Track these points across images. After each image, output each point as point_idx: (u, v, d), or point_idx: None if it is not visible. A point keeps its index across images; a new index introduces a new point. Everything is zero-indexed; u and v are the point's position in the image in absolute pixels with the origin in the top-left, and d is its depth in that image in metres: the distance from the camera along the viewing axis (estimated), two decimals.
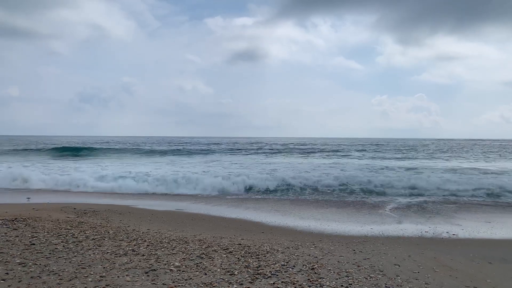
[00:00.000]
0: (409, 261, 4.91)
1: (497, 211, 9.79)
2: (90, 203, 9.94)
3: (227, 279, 3.91)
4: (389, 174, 15.90)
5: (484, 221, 8.34)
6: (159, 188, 13.34)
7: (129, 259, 4.49)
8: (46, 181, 14.19)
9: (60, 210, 7.94)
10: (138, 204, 10.10)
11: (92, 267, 4.15)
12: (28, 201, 10.09)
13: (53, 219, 6.79)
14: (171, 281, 3.80)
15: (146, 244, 5.25)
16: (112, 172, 16.04)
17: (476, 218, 8.72)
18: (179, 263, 4.41)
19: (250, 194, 12.80)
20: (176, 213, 8.95)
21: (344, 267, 4.48)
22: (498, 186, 12.72)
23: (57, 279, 3.75)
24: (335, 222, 8.16)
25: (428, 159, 28.46)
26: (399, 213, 9.27)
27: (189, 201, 11.05)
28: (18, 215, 6.97)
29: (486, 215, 9.10)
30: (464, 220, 8.48)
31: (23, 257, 4.42)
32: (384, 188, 12.94)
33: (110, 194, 12.61)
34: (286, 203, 10.90)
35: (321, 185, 13.58)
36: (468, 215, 9.08)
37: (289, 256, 4.89)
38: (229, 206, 10.28)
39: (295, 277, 4.02)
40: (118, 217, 7.66)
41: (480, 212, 9.55)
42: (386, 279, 4.11)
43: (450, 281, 4.16)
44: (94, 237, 5.54)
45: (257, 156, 32.16)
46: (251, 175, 14.72)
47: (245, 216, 8.66)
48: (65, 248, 4.87)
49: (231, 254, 4.87)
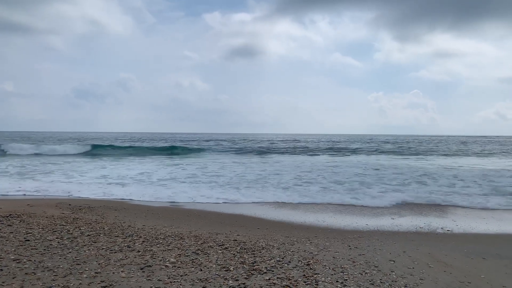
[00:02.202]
0: (404, 256, 4.93)
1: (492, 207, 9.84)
2: (85, 198, 9.89)
3: (222, 275, 3.91)
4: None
5: (478, 217, 8.39)
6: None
7: (124, 255, 4.48)
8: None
9: (55, 206, 7.90)
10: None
11: (87, 263, 4.14)
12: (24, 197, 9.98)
13: (48, 215, 6.76)
14: (166, 277, 3.80)
15: (141, 240, 5.24)
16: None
17: (471, 214, 8.76)
18: (174, 259, 4.41)
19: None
20: (172, 209, 8.93)
21: (339, 262, 4.50)
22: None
23: (52, 275, 3.73)
24: (331, 217, 8.17)
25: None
26: (394, 209, 9.30)
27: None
28: (12, 211, 6.93)
29: (481, 211, 9.16)
30: (459, 215, 8.52)
31: (18, 253, 4.39)
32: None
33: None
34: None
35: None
36: (462, 211, 9.12)
37: (285, 252, 4.90)
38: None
39: (291, 273, 4.03)
40: (113, 213, 7.63)
41: (475, 208, 9.60)
42: (381, 274, 4.12)
43: (445, 276, 4.19)
44: (89, 233, 5.52)
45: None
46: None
47: (241, 212, 8.65)
48: (60, 244, 4.85)
49: (226, 250, 4.87)
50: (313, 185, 12.74)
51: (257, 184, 13.02)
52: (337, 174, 16.26)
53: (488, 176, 15.64)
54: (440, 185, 12.92)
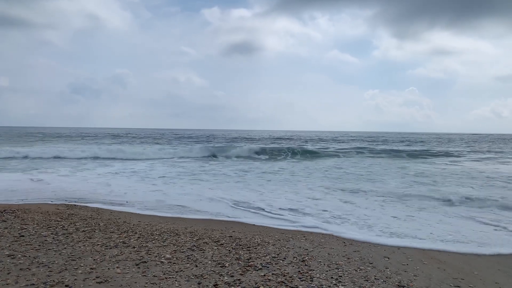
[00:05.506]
0: (398, 253, 4.97)
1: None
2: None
3: (218, 271, 3.92)
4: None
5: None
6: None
7: (119, 251, 4.47)
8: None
9: (50, 202, 7.87)
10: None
11: (82, 259, 4.13)
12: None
13: (43, 211, 6.73)
14: (161, 273, 3.80)
15: (137, 236, 5.24)
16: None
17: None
18: (170, 255, 4.41)
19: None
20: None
21: (334, 259, 4.53)
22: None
23: (47, 271, 3.72)
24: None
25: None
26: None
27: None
28: (7, 206, 6.90)
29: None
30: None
31: (12, 249, 4.38)
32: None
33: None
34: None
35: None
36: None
37: (280, 248, 4.92)
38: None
39: (286, 269, 4.04)
40: (108, 209, 7.61)
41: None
42: (376, 271, 4.15)
43: (438, 273, 4.22)
44: (84, 229, 5.51)
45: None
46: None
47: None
48: (55, 240, 4.83)
49: (222, 246, 4.88)
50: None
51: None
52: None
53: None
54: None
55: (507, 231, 6.49)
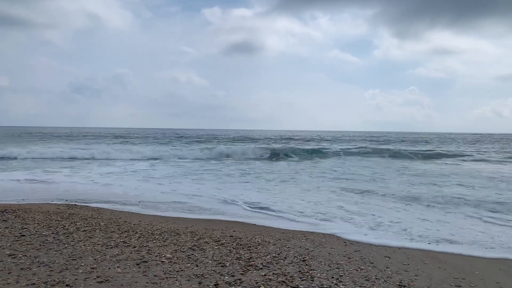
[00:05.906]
0: (399, 253, 4.96)
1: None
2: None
3: (218, 270, 3.92)
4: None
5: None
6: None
7: (120, 251, 4.47)
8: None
9: (50, 202, 7.88)
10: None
11: (83, 258, 4.13)
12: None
13: (44, 211, 6.73)
14: (162, 272, 3.80)
15: (137, 236, 5.24)
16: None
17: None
18: (170, 254, 4.41)
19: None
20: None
21: (335, 259, 4.52)
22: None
23: (48, 270, 3.73)
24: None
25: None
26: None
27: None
28: (7, 206, 6.91)
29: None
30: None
31: (13, 248, 4.38)
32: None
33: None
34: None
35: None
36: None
37: (281, 248, 4.91)
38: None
39: (286, 269, 4.04)
40: (109, 209, 7.61)
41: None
42: (377, 270, 4.15)
43: (439, 272, 4.22)
44: (85, 229, 5.51)
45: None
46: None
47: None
48: (55, 240, 4.84)
49: (222, 246, 4.88)
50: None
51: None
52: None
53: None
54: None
55: (509, 229, 6.48)
